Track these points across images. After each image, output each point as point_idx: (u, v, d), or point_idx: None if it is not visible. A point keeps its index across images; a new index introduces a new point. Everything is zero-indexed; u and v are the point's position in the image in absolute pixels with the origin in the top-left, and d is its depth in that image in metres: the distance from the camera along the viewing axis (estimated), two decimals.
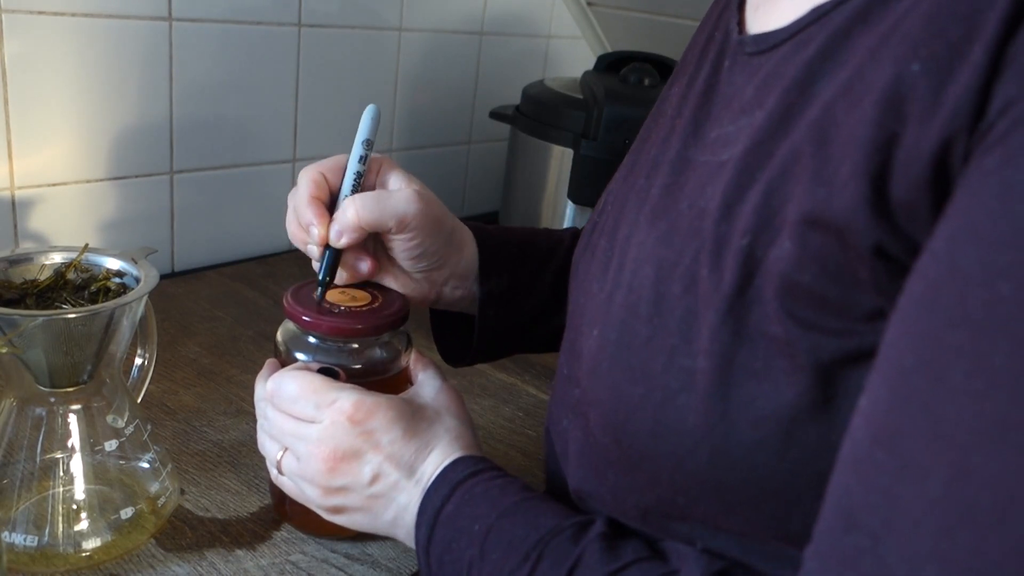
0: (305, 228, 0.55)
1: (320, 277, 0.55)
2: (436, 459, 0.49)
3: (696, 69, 0.47)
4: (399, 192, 0.55)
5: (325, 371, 0.52)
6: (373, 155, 0.57)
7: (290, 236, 0.57)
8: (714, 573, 0.39)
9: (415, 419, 0.50)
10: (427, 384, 0.55)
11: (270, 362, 0.55)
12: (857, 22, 0.35)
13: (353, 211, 0.53)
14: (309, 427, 0.49)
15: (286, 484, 0.52)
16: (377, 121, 0.56)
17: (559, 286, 0.64)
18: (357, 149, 0.55)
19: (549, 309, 0.65)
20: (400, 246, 0.56)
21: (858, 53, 0.34)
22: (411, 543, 0.49)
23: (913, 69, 0.30)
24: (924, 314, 0.28)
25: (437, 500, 0.47)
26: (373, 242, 0.58)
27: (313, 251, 0.56)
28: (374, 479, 0.48)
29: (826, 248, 0.33)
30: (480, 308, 0.62)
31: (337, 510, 0.50)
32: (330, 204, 0.56)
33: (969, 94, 0.28)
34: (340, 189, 0.56)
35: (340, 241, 0.54)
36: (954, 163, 0.29)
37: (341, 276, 0.57)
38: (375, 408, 0.48)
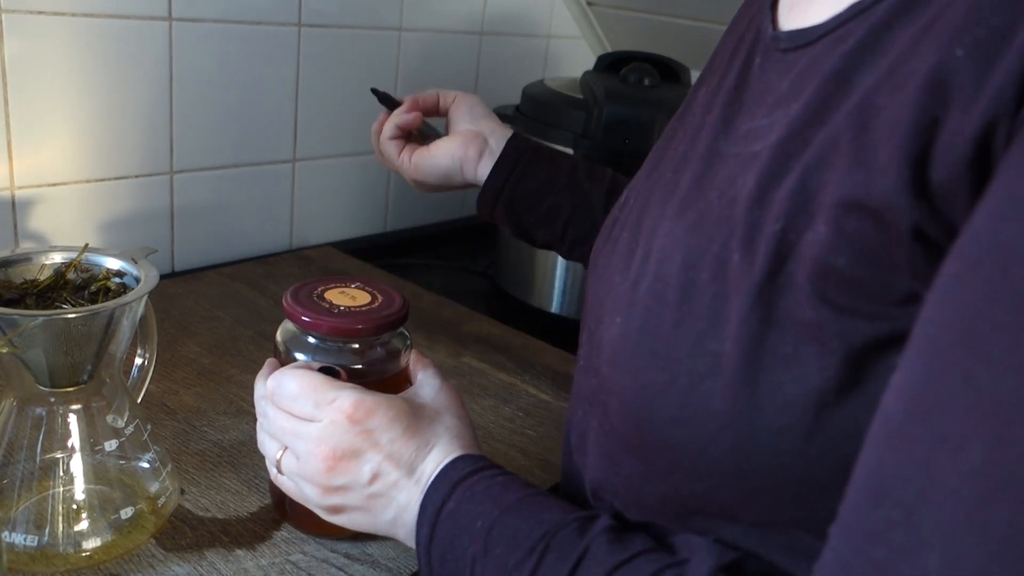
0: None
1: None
2: (436, 458, 0.49)
3: (726, 69, 0.47)
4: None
5: (326, 370, 0.52)
6: (452, 91, 0.80)
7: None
8: (727, 564, 0.39)
9: (415, 418, 0.50)
10: (427, 384, 0.55)
11: (270, 361, 0.56)
12: (898, 16, 0.35)
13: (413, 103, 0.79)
14: (309, 426, 0.49)
15: (285, 483, 0.52)
16: None
17: (560, 200, 0.75)
18: None
19: (551, 219, 0.75)
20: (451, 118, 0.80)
21: (899, 44, 0.34)
22: (411, 543, 0.49)
23: (957, 55, 0.30)
24: (964, 289, 0.28)
25: (438, 498, 0.47)
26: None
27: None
28: (374, 478, 0.48)
29: (863, 232, 0.33)
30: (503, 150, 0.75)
31: (336, 510, 0.50)
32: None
33: (1012, 78, 0.29)
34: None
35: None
36: (996, 146, 0.29)
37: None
38: (375, 407, 0.49)
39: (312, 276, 0.57)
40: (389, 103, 0.81)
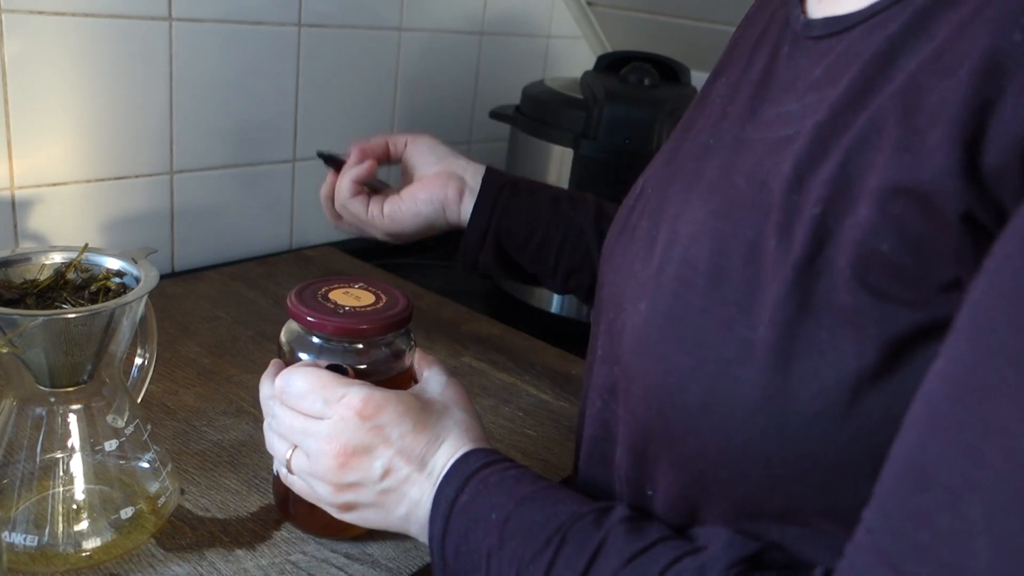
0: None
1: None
2: (447, 451, 0.49)
3: (749, 60, 0.47)
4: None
5: (333, 368, 0.52)
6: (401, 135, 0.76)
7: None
8: (748, 556, 0.39)
9: (424, 413, 0.50)
10: (433, 380, 0.55)
11: (275, 362, 0.56)
12: (940, 2, 0.35)
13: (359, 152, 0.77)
14: (319, 424, 0.49)
15: (296, 483, 0.52)
16: None
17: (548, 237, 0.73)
18: None
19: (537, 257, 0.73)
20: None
21: (944, 28, 0.34)
22: (424, 538, 0.49)
23: (1014, 38, 0.30)
24: (1014, 274, 0.28)
25: (451, 491, 0.47)
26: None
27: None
28: (385, 474, 0.48)
29: (908, 216, 0.33)
30: (481, 190, 0.73)
31: (349, 507, 0.50)
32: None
33: None
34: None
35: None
36: None
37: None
38: (384, 403, 0.49)
39: (312, 276, 0.57)
40: (335, 163, 0.77)
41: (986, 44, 0.31)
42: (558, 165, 1.07)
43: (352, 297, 0.56)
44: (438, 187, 0.73)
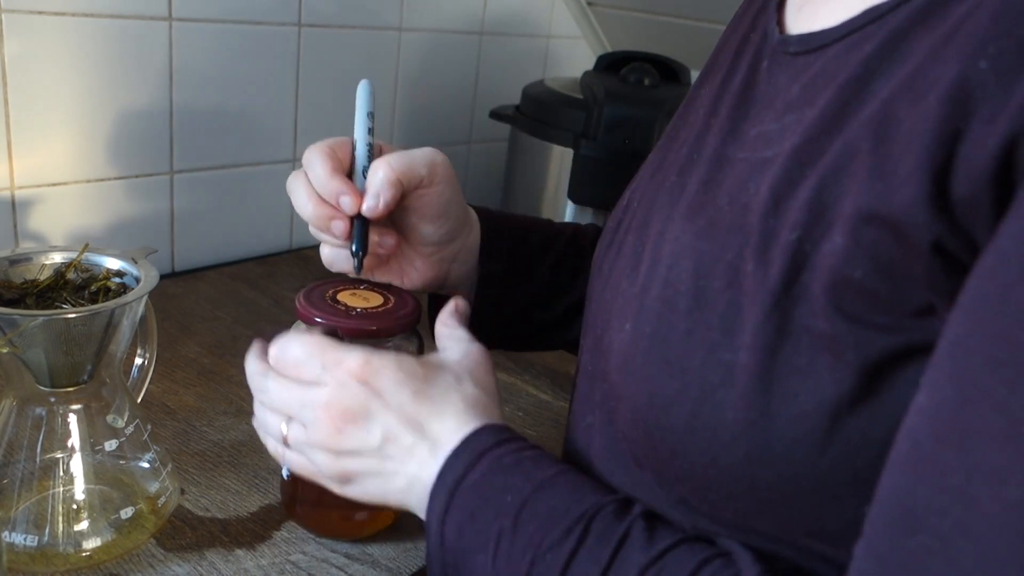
0: (334, 199, 0.53)
1: (355, 250, 0.54)
2: (453, 424, 0.47)
3: (731, 69, 0.47)
4: (419, 149, 0.55)
5: (329, 333, 0.51)
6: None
7: (308, 216, 0.55)
8: (774, 572, 0.38)
9: (427, 382, 0.48)
10: (453, 347, 0.52)
11: (257, 340, 0.53)
12: (916, 24, 0.35)
13: (386, 167, 0.52)
14: (315, 390, 0.47)
15: (294, 459, 0.50)
16: (374, 94, 0.56)
17: (556, 277, 0.64)
18: (362, 122, 0.54)
19: (543, 299, 0.64)
20: (429, 200, 0.56)
21: (918, 52, 0.34)
22: (422, 512, 0.47)
23: (981, 66, 0.30)
24: (994, 312, 0.28)
25: (460, 467, 0.44)
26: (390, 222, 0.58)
27: (339, 227, 0.54)
28: (385, 440, 0.46)
29: (881, 243, 0.33)
30: (479, 288, 0.61)
31: (348, 478, 0.48)
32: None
33: None
34: (353, 162, 0.55)
35: (379, 202, 0.53)
36: (1019, 160, 0.29)
37: (368, 259, 0.56)
38: (383, 367, 0.47)
39: (312, 276, 0.57)
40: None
41: (954, 72, 0.31)
42: (558, 165, 1.07)
43: (360, 298, 0.56)
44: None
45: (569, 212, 1.07)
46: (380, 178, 0.53)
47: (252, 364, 0.51)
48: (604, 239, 0.54)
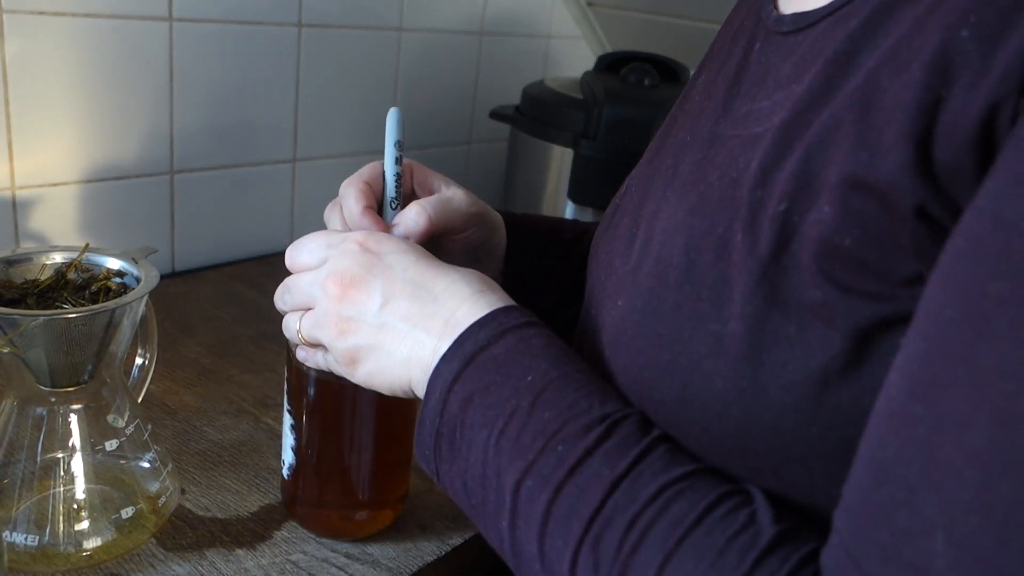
0: None
1: None
2: (468, 295, 0.45)
3: (726, 56, 0.47)
4: (457, 193, 0.56)
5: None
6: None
7: None
8: (787, 531, 0.36)
9: (432, 257, 0.48)
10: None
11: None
12: None
13: (425, 215, 0.53)
14: (321, 268, 0.48)
15: (307, 353, 0.50)
16: (402, 122, 0.56)
17: (580, 276, 0.64)
18: (391, 152, 0.54)
19: (568, 297, 0.65)
20: (461, 243, 0.57)
21: (903, 24, 0.34)
22: (422, 387, 0.44)
23: (962, 35, 0.30)
24: (966, 266, 0.28)
25: (483, 338, 0.43)
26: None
27: None
28: (385, 303, 0.45)
29: (867, 212, 0.33)
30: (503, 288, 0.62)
31: (352, 357, 0.47)
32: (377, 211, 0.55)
33: (1018, 58, 0.29)
34: (383, 195, 0.55)
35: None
36: (1001, 126, 0.29)
37: None
38: (386, 238, 0.48)
39: None
40: None
41: (936, 41, 0.31)
42: (558, 165, 1.07)
43: None
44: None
45: (569, 212, 1.07)
46: (419, 222, 0.52)
47: (278, 294, 0.52)
48: (601, 225, 0.55)
